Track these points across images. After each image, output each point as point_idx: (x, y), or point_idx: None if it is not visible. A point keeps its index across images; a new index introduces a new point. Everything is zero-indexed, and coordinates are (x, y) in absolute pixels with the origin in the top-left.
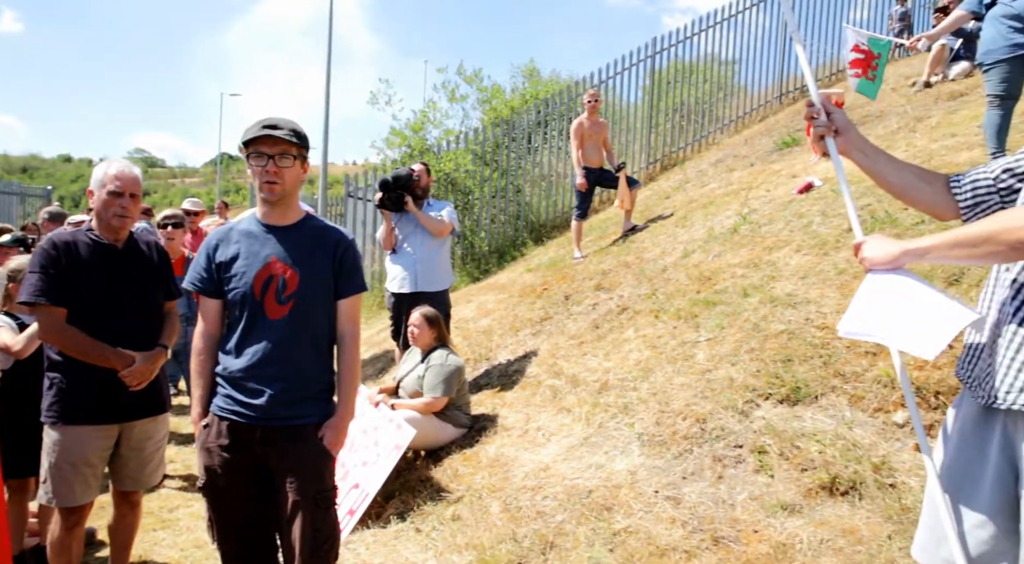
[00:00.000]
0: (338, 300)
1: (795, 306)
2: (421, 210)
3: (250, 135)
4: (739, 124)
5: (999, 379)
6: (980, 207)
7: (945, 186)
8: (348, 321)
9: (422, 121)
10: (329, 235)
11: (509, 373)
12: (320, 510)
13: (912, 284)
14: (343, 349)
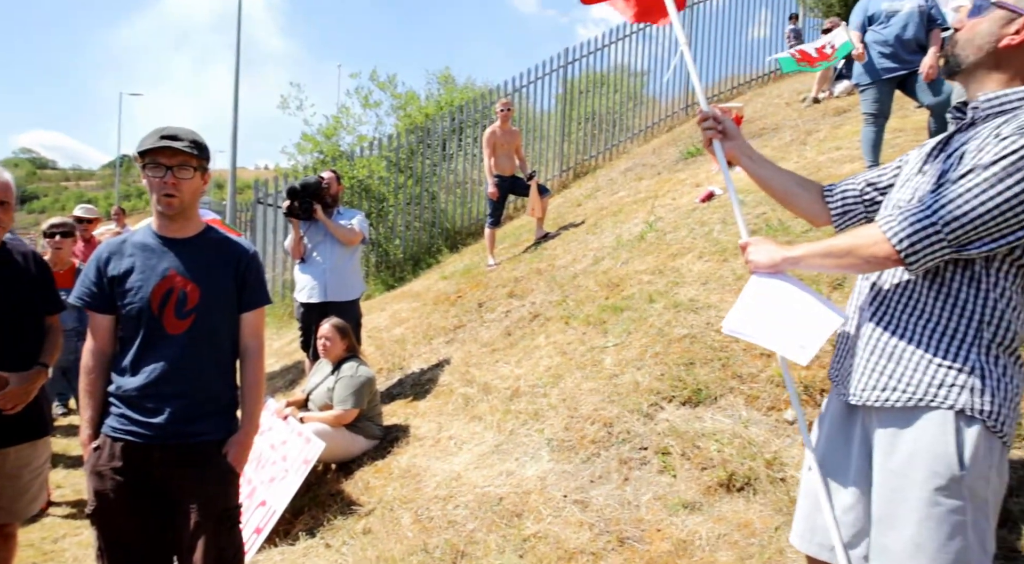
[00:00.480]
0: (241, 313)
1: (697, 311)
2: (331, 218)
3: (147, 145)
4: (648, 134)
5: (856, 378)
6: (848, 216)
7: (820, 195)
8: (252, 335)
9: (335, 127)
10: (231, 248)
11: (422, 382)
12: (224, 530)
13: (791, 289)
14: (247, 363)
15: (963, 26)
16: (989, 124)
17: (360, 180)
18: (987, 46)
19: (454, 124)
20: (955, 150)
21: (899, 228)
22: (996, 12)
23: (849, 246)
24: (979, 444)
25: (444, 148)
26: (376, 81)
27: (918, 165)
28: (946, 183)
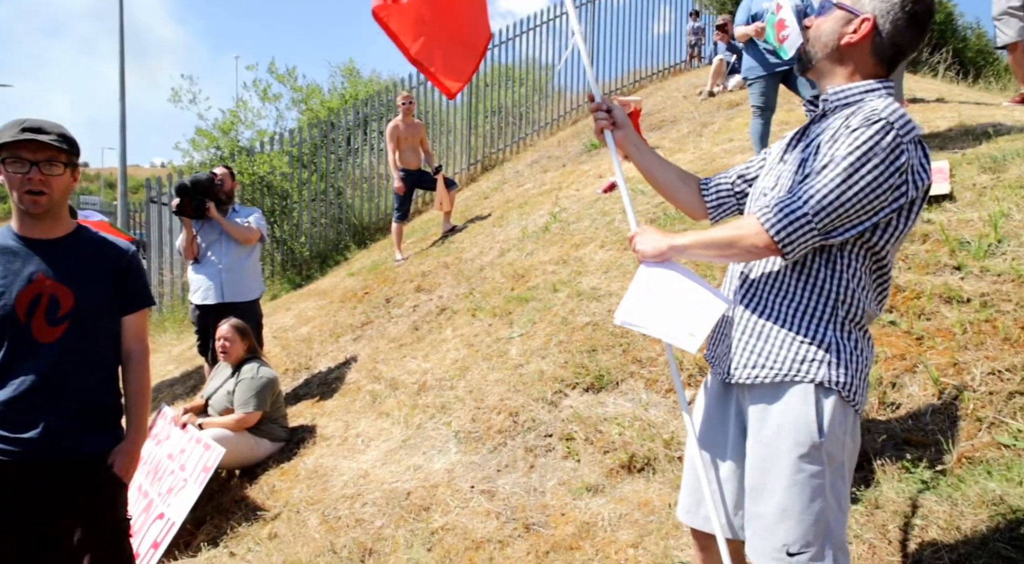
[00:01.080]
0: (123, 317)
1: (599, 299)
2: (226, 216)
3: (6, 138)
4: (554, 126)
5: (730, 357)
6: (722, 208)
7: (697, 187)
8: (134, 339)
9: (232, 121)
10: (108, 247)
11: (329, 381)
12: (112, 546)
13: (678, 277)
14: (130, 368)
15: (812, 24)
16: (838, 115)
17: (261, 176)
18: (832, 43)
19: (359, 118)
20: (812, 140)
21: (775, 219)
22: (837, 12)
23: (731, 237)
24: (835, 413)
25: (349, 142)
26: (275, 73)
27: (779, 155)
28: (811, 174)
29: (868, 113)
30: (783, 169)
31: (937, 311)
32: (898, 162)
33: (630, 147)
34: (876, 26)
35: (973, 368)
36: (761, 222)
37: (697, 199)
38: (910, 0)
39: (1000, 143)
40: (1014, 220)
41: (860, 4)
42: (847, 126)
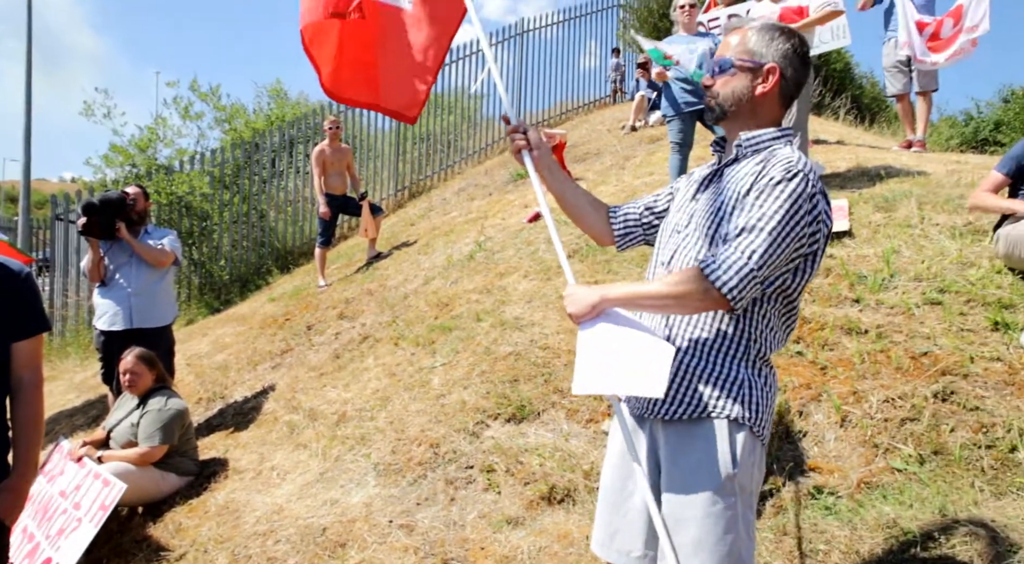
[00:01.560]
0: (13, 343)
1: (522, 329)
2: (138, 238)
3: None
4: (481, 155)
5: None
6: (629, 237)
7: (606, 215)
8: (26, 367)
9: (150, 138)
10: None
11: (245, 411)
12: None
13: (617, 329)
14: (21, 399)
15: (714, 82)
16: (752, 159)
17: (180, 196)
18: (746, 96)
19: (284, 140)
20: (726, 183)
21: (726, 278)
22: (741, 67)
23: (676, 292)
24: (746, 446)
25: (274, 164)
26: (197, 91)
27: (691, 192)
28: (746, 229)
29: (786, 164)
30: (696, 208)
31: (839, 342)
32: (815, 211)
33: (543, 170)
34: (782, 73)
35: (871, 396)
36: (711, 280)
37: (605, 226)
38: (799, 43)
39: (891, 184)
40: (904, 256)
41: (759, 55)
42: (770, 178)
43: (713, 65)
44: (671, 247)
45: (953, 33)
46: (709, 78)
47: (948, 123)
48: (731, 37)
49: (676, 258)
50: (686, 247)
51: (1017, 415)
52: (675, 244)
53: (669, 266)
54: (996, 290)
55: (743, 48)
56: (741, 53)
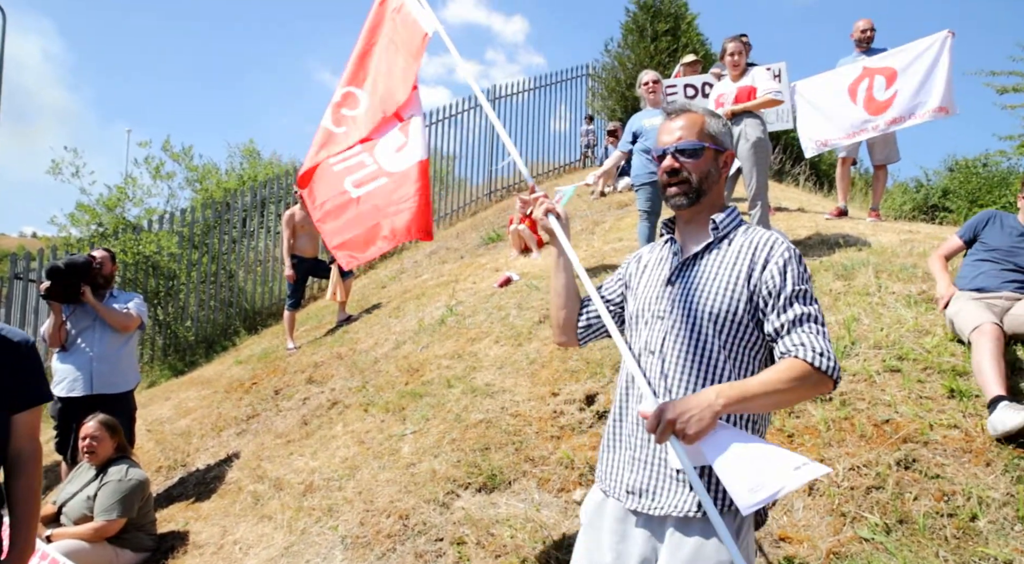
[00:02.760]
0: (13, 414)
1: (493, 395)
2: (103, 301)
3: None
4: (453, 217)
5: (655, 489)
6: (591, 329)
7: (580, 305)
8: (27, 438)
9: (119, 198)
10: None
11: (207, 480)
12: None
13: (734, 438)
14: (20, 472)
15: (683, 165)
16: (731, 241)
17: (147, 256)
18: (715, 178)
19: (256, 199)
20: (713, 267)
21: (832, 364)
22: (710, 151)
23: (797, 387)
24: (746, 533)
25: (245, 224)
26: (169, 151)
27: (660, 278)
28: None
29: (772, 242)
30: (677, 293)
31: (805, 409)
32: None
33: (566, 235)
34: (734, 158)
35: (837, 464)
36: (823, 369)
37: (576, 315)
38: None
39: (849, 253)
40: (863, 324)
41: (721, 141)
42: (774, 263)
43: (677, 151)
44: (658, 333)
45: (890, 97)
46: (671, 161)
47: (901, 189)
48: (679, 120)
49: (668, 344)
50: (677, 333)
51: (976, 483)
52: (662, 330)
53: (662, 353)
54: (950, 358)
55: (706, 132)
56: (706, 137)
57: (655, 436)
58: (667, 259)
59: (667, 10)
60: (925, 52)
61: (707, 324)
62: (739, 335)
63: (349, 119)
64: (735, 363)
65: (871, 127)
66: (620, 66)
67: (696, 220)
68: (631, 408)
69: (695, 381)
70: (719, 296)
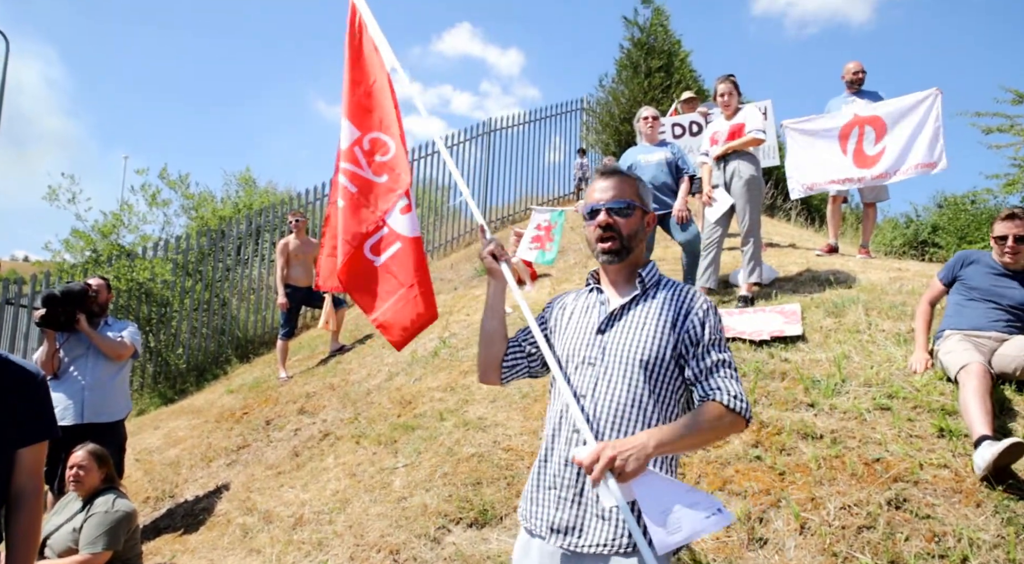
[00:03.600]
0: (20, 448)
1: (485, 429)
2: (97, 329)
3: None
4: (447, 248)
5: (583, 527)
6: (515, 369)
7: (507, 345)
8: (31, 474)
9: (114, 224)
10: (5, 367)
11: (196, 512)
12: None
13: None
14: (21, 509)
15: (615, 222)
16: (658, 292)
17: (141, 283)
18: (641, 236)
19: (251, 228)
20: (642, 317)
21: (745, 405)
22: (639, 211)
23: (718, 428)
24: None
25: (239, 252)
26: (166, 179)
27: (590, 325)
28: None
29: (692, 294)
30: (607, 341)
31: (796, 446)
32: None
33: (507, 281)
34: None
35: (828, 503)
36: (738, 411)
37: (502, 355)
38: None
39: (840, 290)
40: (854, 361)
41: (645, 202)
42: (694, 314)
43: (610, 208)
44: (589, 379)
45: (879, 152)
46: (604, 217)
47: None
48: (612, 180)
49: (600, 389)
50: (610, 378)
51: (966, 524)
52: (594, 376)
53: (594, 397)
54: (939, 397)
55: (634, 193)
56: (636, 198)
57: (593, 473)
58: (594, 308)
59: (661, 47)
60: (915, 108)
61: (638, 370)
62: (665, 379)
63: (387, 166)
64: (661, 406)
65: (858, 178)
66: (614, 101)
67: (622, 273)
68: (556, 449)
69: (625, 423)
70: (649, 344)
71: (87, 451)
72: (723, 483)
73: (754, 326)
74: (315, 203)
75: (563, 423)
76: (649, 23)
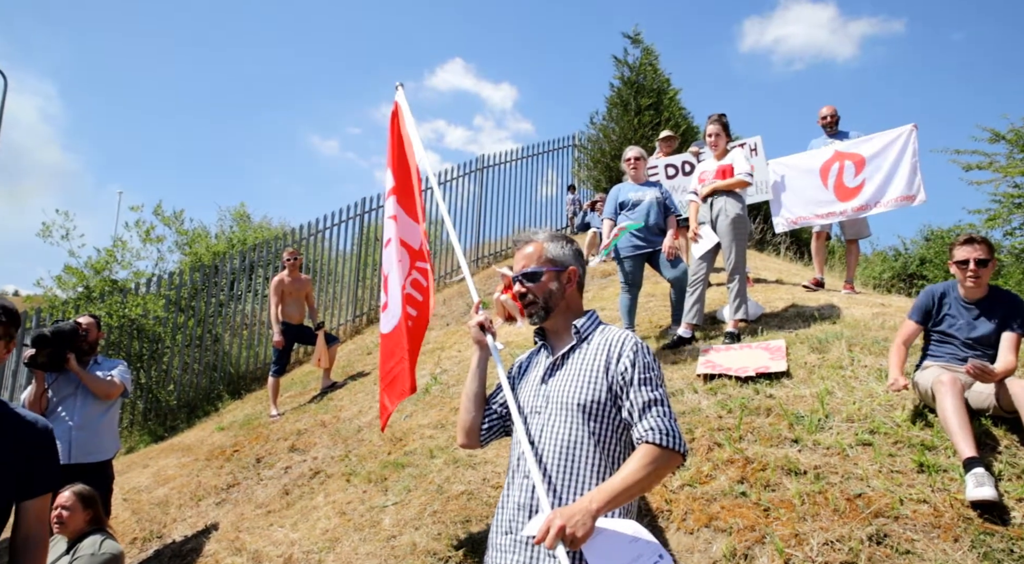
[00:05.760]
0: (27, 500)
1: (475, 467)
2: (87, 368)
3: None
4: (440, 283)
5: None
6: (492, 430)
7: (484, 409)
8: (38, 522)
9: (107, 261)
10: (13, 422)
11: (183, 553)
12: None
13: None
14: (28, 558)
15: (528, 289)
16: (591, 341)
17: (132, 320)
18: (559, 295)
19: (245, 263)
20: (577, 365)
21: (679, 441)
22: (550, 273)
23: (655, 471)
24: None
25: (233, 287)
26: (161, 215)
27: (537, 377)
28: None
29: (623, 338)
30: (550, 391)
31: (780, 482)
32: None
33: (487, 353)
34: (577, 272)
35: (811, 539)
36: (673, 448)
37: (481, 420)
38: (576, 245)
39: (824, 326)
40: (836, 397)
41: (558, 261)
42: (626, 356)
43: (522, 277)
44: (536, 426)
45: (858, 184)
46: (519, 287)
47: (880, 257)
48: (524, 249)
49: (545, 435)
50: (552, 426)
51: (944, 558)
52: (539, 425)
53: (541, 443)
54: (920, 432)
55: (545, 258)
56: (545, 262)
57: (547, 545)
58: (541, 362)
59: (650, 85)
60: (892, 144)
61: (577, 414)
62: (605, 422)
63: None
64: (602, 446)
65: (839, 211)
66: (605, 138)
67: (560, 327)
68: (511, 495)
69: (569, 463)
70: (585, 389)
71: (72, 492)
72: (709, 520)
73: (740, 363)
74: (308, 239)
75: (519, 469)
76: (639, 63)
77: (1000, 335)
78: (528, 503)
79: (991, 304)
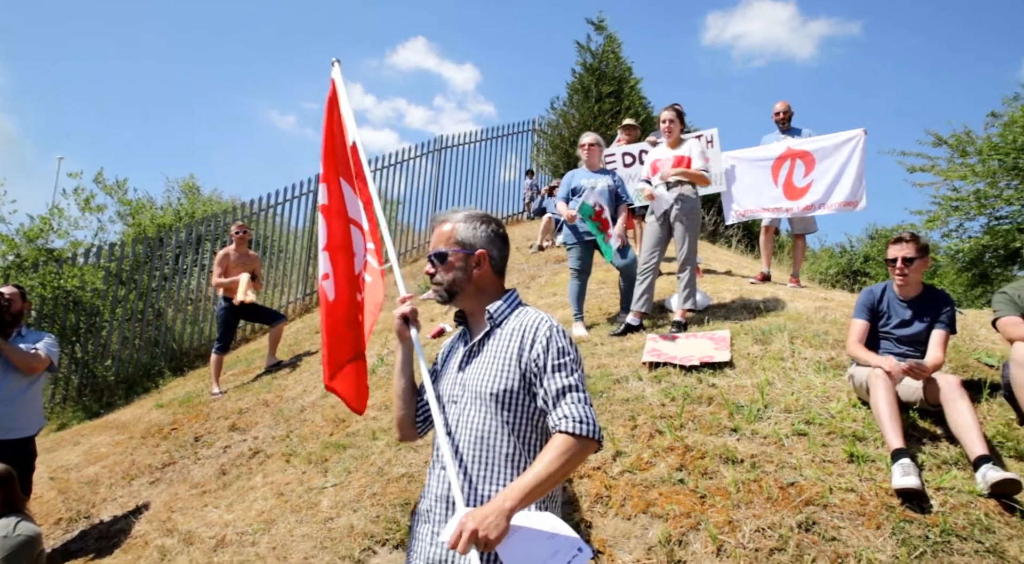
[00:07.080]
0: None
1: (417, 450)
2: (10, 341)
3: None
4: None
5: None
6: (427, 422)
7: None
8: None
9: (42, 228)
10: None
11: (111, 534)
12: None
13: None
14: None
15: (436, 269)
16: (505, 326)
17: (68, 291)
18: (466, 279)
19: (192, 236)
20: (492, 351)
21: (593, 427)
22: (457, 254)
23: (570, 460)
24: None
25: (178, 261)
26: (102, 184)
27: (455, 365)
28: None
29: (538, 322)
30: (466, 378)
31: (718, 470)
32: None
33: (410, 346)
34: (489, 254)
35: (744, 525)
36: (587, 435)
37: (414, 413)
38: (497, 226)
39: (768, 318)
40: (776, 388)
41: (469, 244)
42: (539, 342)
43: (433, 255)
44: (453, 415)
45: (806, 185)
46: (430, 267)
47: (827, 254)
48: (442, 227)
49: (461, 426)
50: (467, 414)
51: (867, 546)
52: (456, 414)
53: (456, 435)
54: (852, 423)
55: (455, 240)
56: (453, 244)
57: (460, 549)
58: (460, 348)
59: (612, 73)
60: (842, 147)
61: (490, 403)
62: (519, 410)
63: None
64: (518, 434)
65: (786, 209)
66: (565, 124)
67: (476, 310)
68: (431, 486)
69: (484, 453)
70: (497, 378)
71: None
72: (646, 506)
73: (685, 352)
74: (259, 214)
75: (438, 459)
76: (601, 50)
77: (931, 332)
78: (445, 494)
79: (925, 303)
